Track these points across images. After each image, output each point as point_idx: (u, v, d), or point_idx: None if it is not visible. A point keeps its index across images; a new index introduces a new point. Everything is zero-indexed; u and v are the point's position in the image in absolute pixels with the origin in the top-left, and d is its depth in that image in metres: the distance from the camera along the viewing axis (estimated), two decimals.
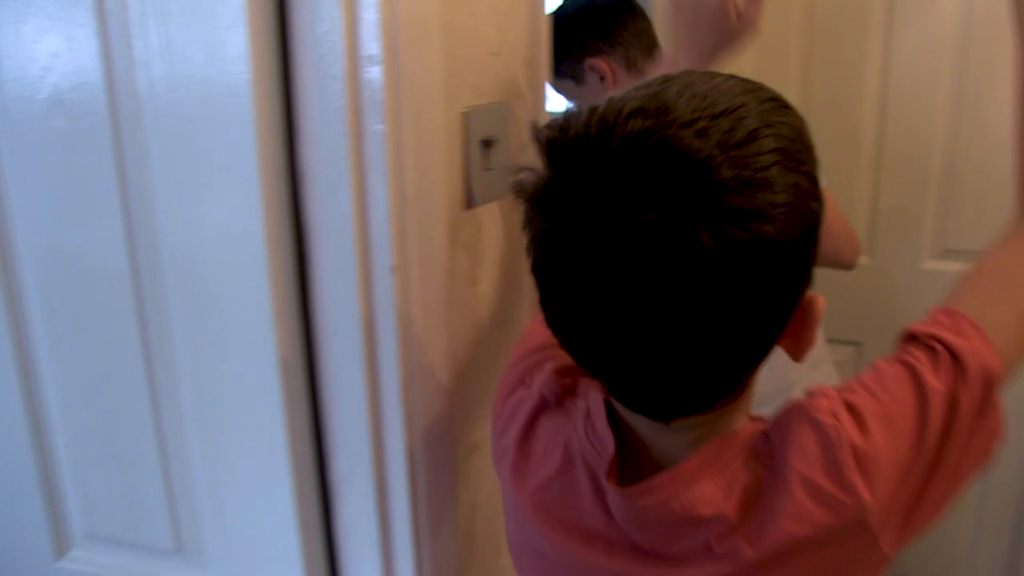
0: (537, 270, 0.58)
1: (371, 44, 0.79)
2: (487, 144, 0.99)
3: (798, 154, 0.55)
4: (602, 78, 1.49)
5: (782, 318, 0.57)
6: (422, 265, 0.88)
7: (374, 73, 0.80)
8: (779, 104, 0.57)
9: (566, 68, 1.50)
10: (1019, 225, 0.76)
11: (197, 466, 0.97)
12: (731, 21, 0.92)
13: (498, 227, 1.06)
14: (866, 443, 0.60)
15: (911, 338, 0.68)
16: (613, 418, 0.67)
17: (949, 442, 0.64)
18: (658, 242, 0.50)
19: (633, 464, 0.66)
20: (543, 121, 0.79)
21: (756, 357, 0.59)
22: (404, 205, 0.83)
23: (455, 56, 0.92)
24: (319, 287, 0.85)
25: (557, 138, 0.54)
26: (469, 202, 0.97)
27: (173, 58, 0.80)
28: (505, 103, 1.03)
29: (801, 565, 0.61)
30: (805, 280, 0.58)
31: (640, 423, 0.65)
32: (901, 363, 0.66)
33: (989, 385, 0.65)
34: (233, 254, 0.84)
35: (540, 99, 1.13)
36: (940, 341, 0.65)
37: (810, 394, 0.64)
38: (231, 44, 0.77)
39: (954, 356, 0.65)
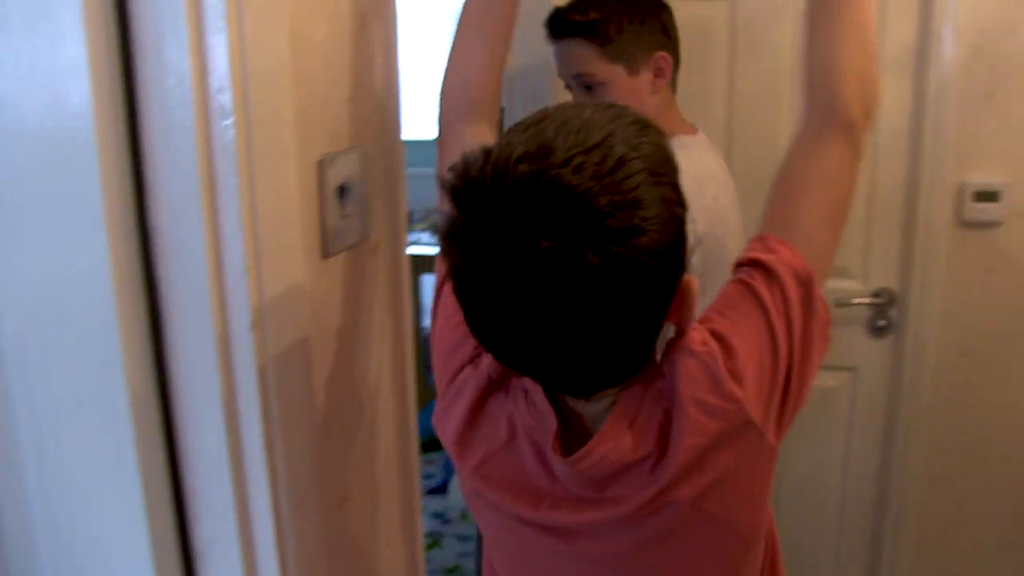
0: (458, 294, 0.69)
1: (222, 96, 0.77)
2: (343, 191, 0.98)
3: (661, 168, 0.67)
4: (657, 76, 1.42)
5: (665, 305, 0.70)
6: (281, 319, 0.86)
7: (226, 125, 0.78)
8: (642, 126, 0.68)
9: (626, 54, 1.39)
10: (798, 136, 0.91)
11: (42, 538, 0.90)
12: None
13: (355, 274, 1.05)
14: (733, 358, 0.75)
15: (739, 266, 0.84)
16: (550, 394, 0.79)
17: (792, 336, 0.79)
18: (555, 265, 0.61)
19: (568, 430, 0.79)
20: (399, 165, 0.98)
21: (650, 338, 0.73)
22: (261, 260, 0.81)
23: (309, 103, 0.92)
24: (175, 349, 0.82)
25: (459, 184, 0.64)
26: (326, 251, 0.96)
27: (9, 113, 0.75)
28: (360, 149, 1.03)
29: (710, 468, 0.74)
30: (680, 271, 0.70)
31: (567, 397, 0.79)
32: (740, 284, 0.81)
33: (807, 284, 0.80)
34: (81, 320, 0.79)
35: (396, 142, 1.13)
36: (757, 261, 0.81)
37: (681, 333, 0.76)
38: (72, 97, 0.73)
39: (768, 269, 0.80)
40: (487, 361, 0.82)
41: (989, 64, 2.02)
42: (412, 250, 1.59)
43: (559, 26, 1.40)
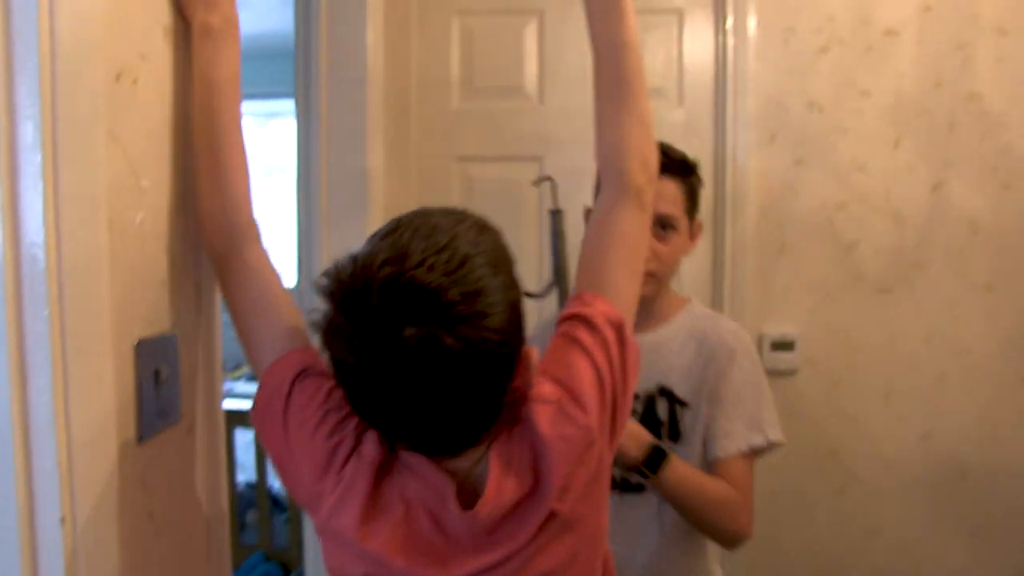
0: (341, 381, 0.82)
1: (37, 286, 0.78)
2: (158, 375, 0.99)
3: (499, 261, 0.84)
4: (692, 236, 1.52)
5: (511, 370, 0.85)
6: (94, 510, 0.84)
7: (39, 318, 0.78)
8: (480, 226, 0.86)
9: (694, 207, 1.51)
10: (598, 207, 1.11)
11: None
12: None
13: (171, 456, 1.04)
14: (576, 394, 0.93)
15: (563, 320, 1.02)
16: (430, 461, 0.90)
17: (613, 368, 0.98)
18: (418, 348, 0.75)
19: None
20: (216, 344, 1.10)
21: (500, 400, 0.86)
22: (73, 454, 0.81)
23: (125, 290, 0.93)
24: None
25: (335, 288, 0.78)
26: (141, 435, 0.95)
27: None
28: (176, 332, 1.04)
29: (576, 483, 0.90)
30: (520, 343, 0.86)
31: (444, 460, 0.90)
32: (565, 336, 0.99)
33: (619, 327, 1.00)
34: None
35: (213, 320, 1.15)
36: (577, 315, 1.00)
37: (532, 387, 0.92)
38: None
39: (588, 320, 0.99)
40: (368, 449, 0.90)
41: (779, 224, 2.30)
42: (226, 404, 1.55)
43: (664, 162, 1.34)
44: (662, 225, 1.43)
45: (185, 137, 1.07)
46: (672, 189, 1.45)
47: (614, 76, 1.12)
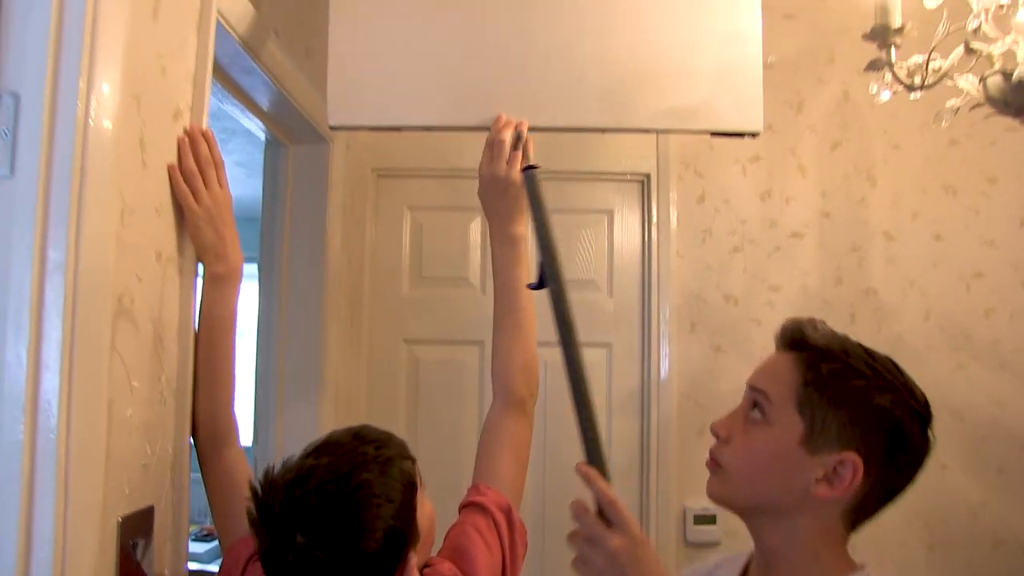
0: (261, 562, 0.96)
1: (44, 470, 0.91)
2: (135, 545, 1.10)
3: (393, 492, 0.98)
4: (830, 482, 0.96)
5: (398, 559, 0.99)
6: None
7: (45, 507, 0.91)
8: (391, 459, 1.01)
9: (818, 419, 0.95)
10: (490, 413, 1.39)
11: None
12: (510, 190, 1.39)
13: None
14: (473, 571, 1.17)
15: (462, 507, 1.27)
16: None
17: (503, 546, 1.23)
18: (303, 554, 0.92)
19: None
20: (184, 516, 1.25)
21: None
22: None
23: (114, 474, 1.06)
24: None
25: (259, 491, 0.95)
26: None
27: None
28: (153, 507, 1.15)
29: None
30: (400, 561, 0.97)
31: None
32: (464, 524, 1.23)
33: (508, 511, 1.26)
34: None
35: (183, 496, 1.27)
36: (474, 503, 1.25)
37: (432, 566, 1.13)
38: None
39: (482, 507, 1.24)
40: None
41: (699, 405, 2.49)
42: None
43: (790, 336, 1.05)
44: (753, 403, 1.02)
45: (163, 343, 1.22)
46: (778, 363, 1.03)
47: (507, 309, 1.41)
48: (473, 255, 2.55)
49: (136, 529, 1.10)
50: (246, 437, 1.50)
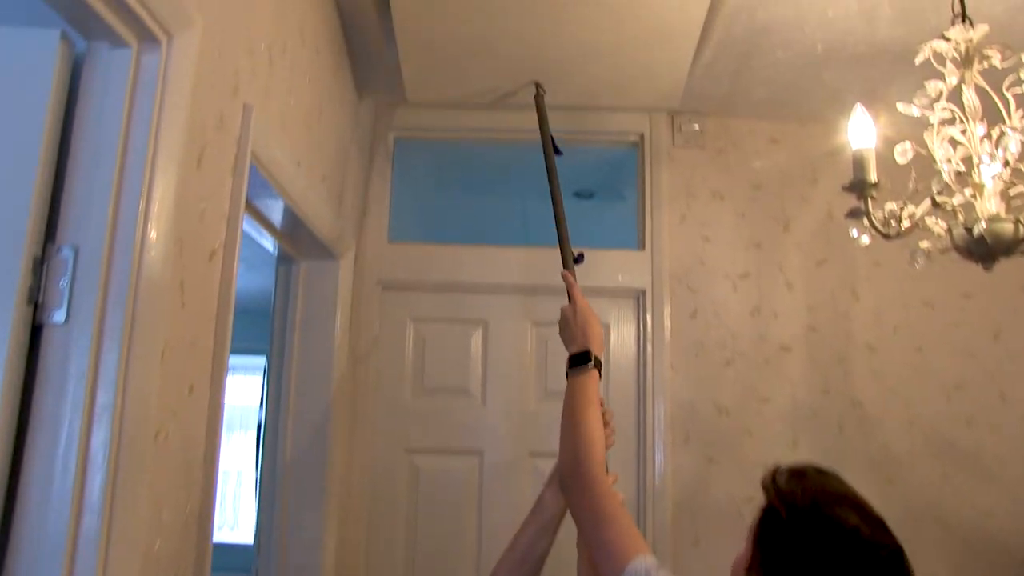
0: None
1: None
2: None
3: None
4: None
5: None
6: None
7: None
8: None
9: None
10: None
11: None
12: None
13: None
14: None
15: None
16: None
17: None
18: None
19: None
20: None
21: None
22: None
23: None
24: None
25: None
26: None
27: None
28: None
29: None
30: None
31: None
32: None
33: None
34: None
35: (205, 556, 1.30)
36: None
37: None
38: None
39: None
40: None
41: (693, 516, 2.52)
42: None
43: None
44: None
45: (190, 472, 1.27)
46: None
47: None
48: (474, 366, 2.61)
49: None
50: (247, 534, 1.52)
